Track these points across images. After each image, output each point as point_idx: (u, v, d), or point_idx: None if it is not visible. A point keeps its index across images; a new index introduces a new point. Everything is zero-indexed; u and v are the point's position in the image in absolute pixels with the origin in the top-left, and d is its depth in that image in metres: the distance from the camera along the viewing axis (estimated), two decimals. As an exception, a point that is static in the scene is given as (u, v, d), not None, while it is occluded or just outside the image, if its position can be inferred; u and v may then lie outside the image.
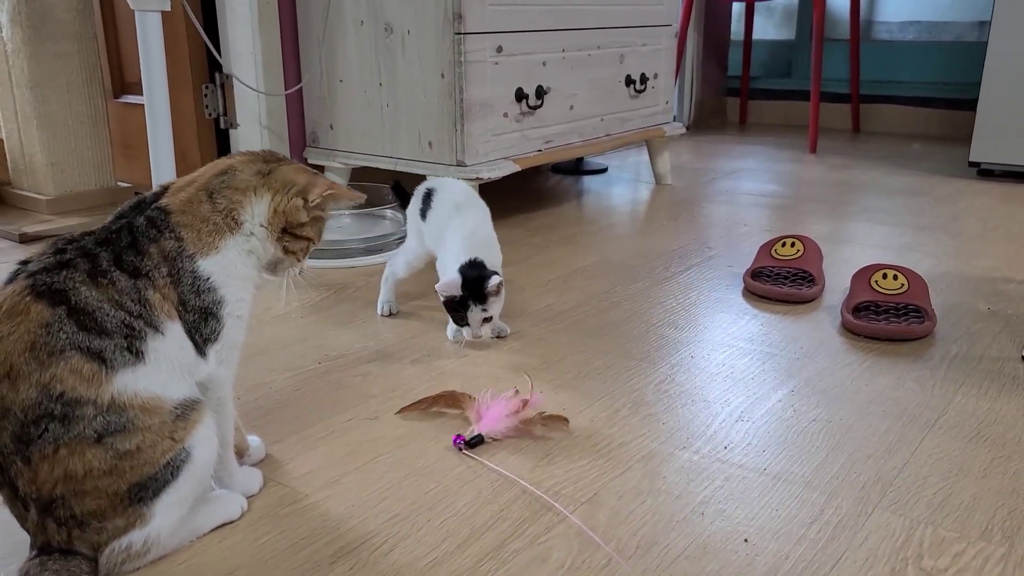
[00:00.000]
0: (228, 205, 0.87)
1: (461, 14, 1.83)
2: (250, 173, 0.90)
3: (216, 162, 0.92)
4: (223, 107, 2.23)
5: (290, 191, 0.91)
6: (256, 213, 0.89)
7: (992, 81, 2.53)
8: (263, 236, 0.90)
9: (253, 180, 0.89)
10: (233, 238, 0.87)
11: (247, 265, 0.89)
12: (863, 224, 2.11)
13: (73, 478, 0.76)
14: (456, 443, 1.05)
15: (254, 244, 0.89)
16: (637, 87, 2.41)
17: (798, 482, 0.97)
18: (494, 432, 1.06)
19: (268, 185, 0.90)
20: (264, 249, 0.90)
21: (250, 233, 0.89)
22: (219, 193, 0.87)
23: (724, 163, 2.95)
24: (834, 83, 3.59)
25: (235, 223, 0.88)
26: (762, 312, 1.52)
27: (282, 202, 0.90)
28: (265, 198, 0.89)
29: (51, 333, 0.75)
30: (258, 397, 1.20)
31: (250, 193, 0.89)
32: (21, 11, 2.00)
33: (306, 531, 0.89)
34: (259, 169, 0.90)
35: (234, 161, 0.91)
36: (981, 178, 2.64)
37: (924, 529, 0.88)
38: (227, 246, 0.87)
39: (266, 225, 0.90)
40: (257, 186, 0.89)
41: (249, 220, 0.88)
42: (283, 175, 0.91)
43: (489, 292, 1.29)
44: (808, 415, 1.13)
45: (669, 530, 0.88)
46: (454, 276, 1.30)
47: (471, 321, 1.32)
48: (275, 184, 0.90)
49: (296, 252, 0.93)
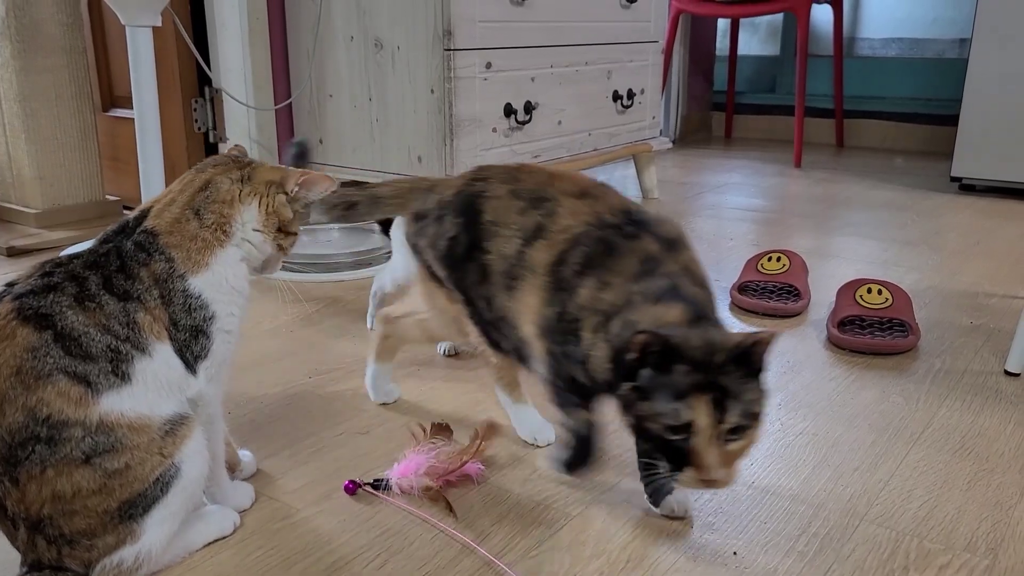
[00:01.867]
0: (217, 219, 0.88)
1: (451, 31, 1.85)
2: (230, 182, 0.90)
3: (189, 178, 0.91)
4: (212, 121, 2.23)
5: (271, 189, 0.92)
6: (247, 220, 0.90)
7: (973, 97, 2.57)
8: (259, 240, 0.91)
9: (235, 188, 0.90)
10: (223, 251, 0.88)
11: (239, 276, 0.89)
12: (848, 239, 2.14)
13: (61, 498, 0.76)
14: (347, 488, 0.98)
15: (248, 250, 0.90)
16: (624, 102, 2.43)
17: (785, 495, 0.99)
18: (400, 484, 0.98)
19: (253, 190, 0.91)
20: (261, 251, 0.91)
21: (243, 240, 0.90)
22: (205, 209, 0.88)
23: (710, 177, 2.98)
24: (818, 98, 3.63)
25: (225, 235, 0.88)
26: (749, 326, 1.54)
27: (271, 202, 0.91)
28: (253, 203, 0.91)
29: (37, 358, 0.76)
30: (249, 411, 1.20)
31: (236, 202, 0.90)
32: (10, 25, 2.00)
33: (299, 546, 0.89)
34: (237, 176, 0.91)
35: (209, 175, 0.91)
36: (963, 193, 2.67)
37: (910, 541, 0.89)
38: (217, 261, 0.87)
39: (261, 228, 0.90)
40: (241, 193, 0.90)
41: (240, 229, 0.89)
42: (261, 176, 0.92)
43: None
44: (795, 428, 1.15)
45: (659, 543, 0.89)
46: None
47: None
48: (259, 187, 0.91)
49: (286, 248, 0.95)
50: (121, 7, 1.68)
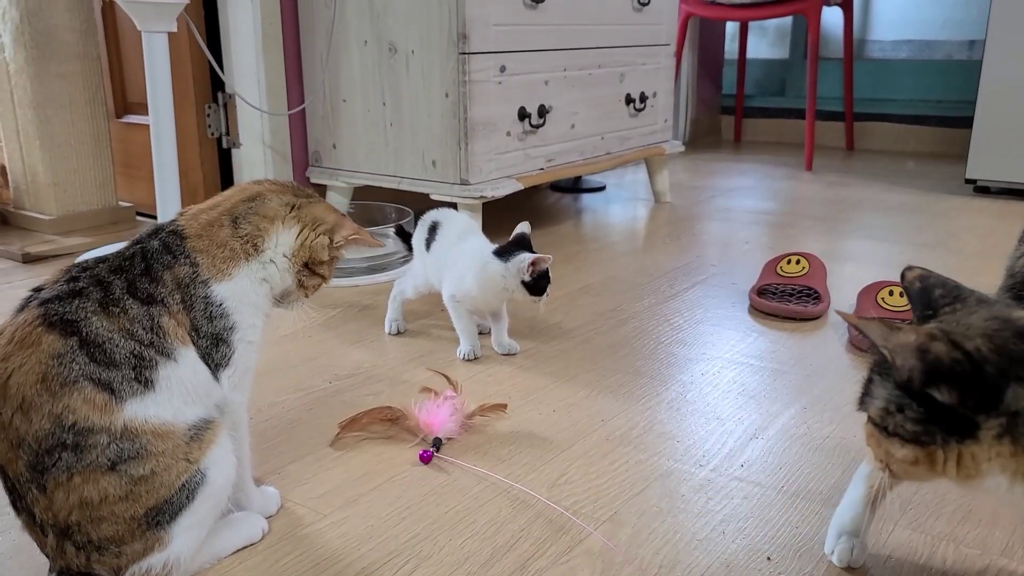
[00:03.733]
0: (252, 231, 0.87)
1: (466, 34, 1.84)
2: (280, 203, 0.90)
3: (242, 187, 0.91)
4: (226, 127, 2.23)
5: (318, 228, 0.91)
6: (281, 242, 0.89)
7: (987, 99, 2.56)
8: (284, 266, 0.89)
9: (282, 210, 0.89)
10: (248, 265, 0.87)
11: (259, 294, 0.88)
12: (863, 242, 2.13)
13: (88, 505, 0.76)
14: (424, 458, 1.06)
15: (271, 272, 0.89)
16: (637, 106, 2.43)
17: (816, 499, 0.98)
18: (448, 433, 1.11)
19: (298, 218, 0.90)
20: (281, 279, 0.90)
21: (269, 261, 0.88)
22: (245, 219, 0.87)
23: (721, 181, 2.97)
24: (828, 101, 3.62)
25: (255, 250, 0.87)
26: (769, 329, 1.53)
27: (310, 237, 0.90)
28: (293, 229, 0.89)
29: (63, 364, 0.75)
30: (271, 417, 1.19)
31: (278, 222, 0.89)
32: (24, 31, 2.00)
33: (327, 552, 0.88)
34: (289, 200, 0.90)
35: (263, 188, 0.91)
36: (978, 195, 2.66)
37: (946, 546, 0.88)
38: (240, 273, 0.86)
39: (289, 256, 0.90)
40: (286, 216, 0.89)
41: (271, 248, 0.88)
42: (314, 211, 0.91)
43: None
44: (822, 432, 1.14)
45: (692, 549, 0.88)
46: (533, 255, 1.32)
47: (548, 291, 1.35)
48: (305, 218, 0.90)
49: (308, 288, 0.93)
50: (137, 13, 1.68)
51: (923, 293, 0.74)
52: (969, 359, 0.63)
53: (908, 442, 0.66)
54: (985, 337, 0.64)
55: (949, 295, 0.72)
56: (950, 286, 0.73)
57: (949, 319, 0.68)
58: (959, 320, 0.67)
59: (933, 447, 0.65)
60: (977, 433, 0.63)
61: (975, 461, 0.64)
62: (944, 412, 0.64)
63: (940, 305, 0.71)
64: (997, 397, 0.62)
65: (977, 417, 0.63)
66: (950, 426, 0.64)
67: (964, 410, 0.63)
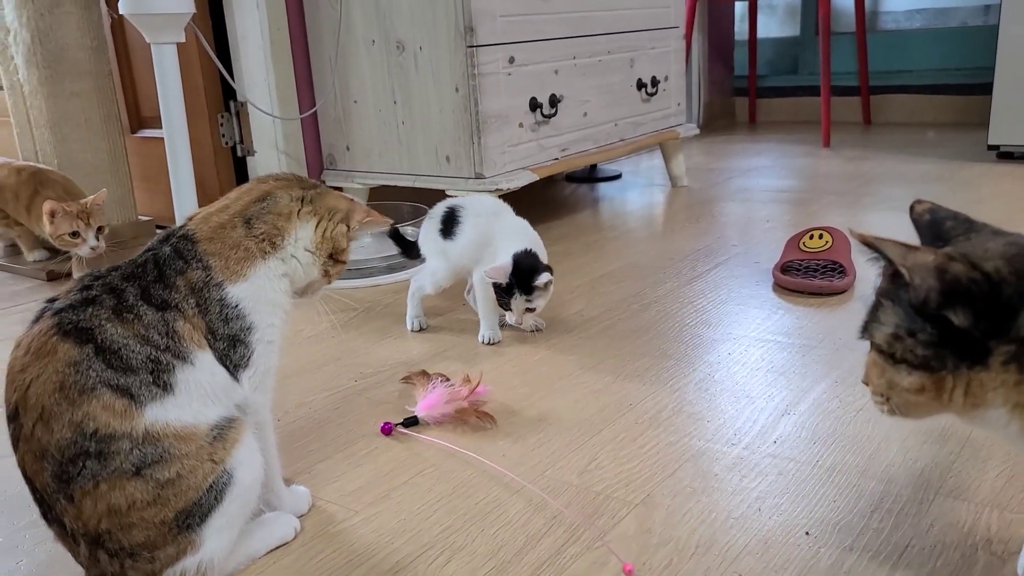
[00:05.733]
0: (269, 230, 0.87)
1: (473, 27, 1.83)
2: (290, 198, 0.89)
3: (247, 188, 0.91)
4: (239, 135, 2.24)
5: (335, 217, 0.91)
6: (300, 237, 0.89)
7: (1006, 64, 2.51)
8: (308, 260, 0.89)
9: (295, 205, 0.89)
10: (265, 264, 0.86)
11: (278, 290, 0.88)
12: (886, 214, 2.10)
13: (117, 512, 0.76)
14: (384, 429, 1.11)
15: (292, 267, 0.89)
16: (649, 90, 2.41)
17: (853, 472, 0.96)
18: (430, 416, 1.13)
19: (314, 211, 0.90)
20: (306, 272, 0.90)
21: (290, 256, 0.88)
22: (259, 219, 0.87)
23: (738, 162, 2.94)
24: (842, 76, 3.57)
25: (272, 247, 0.87)
26: (795, 306, 1.51)
27: (329, 227, 0.90)
28: (310, 223, 0.89)
29: (80, 372, 0.75)
30: (299, 417, 1.19)
31: (293, 218, 0.89)
32: (36, 52, 2.02)
33: (360, 547, 0.88)
34: (298, 194, 0.90)
35: (270, 187, 0.90)
36: (1001, 161, 2.61)
37: (990, 513, 0.86)
38: (256, 273, 0.86)
39: (312, 250, 0.89)
40: (301, 211, 0.89)
41: (292, 244, 0.88)
42: (327, 202, 0.91)
43: (537, 287, 1.32)
44: (854, 405, 1.12)
45: (728, 527, 0.87)
46: (506, 262, 1.32)
47: (514, 308, 1.34)
48: (321, 210, 0.90)
49: (332, 275, 0.93)
50: (145, 25, 1.69)
51: (933, 225, 0.71)
52: (988, 280, 0.61)
53: (916, 368, 0.65)
54: (1005, 260, 0.62)
55: (961, 226, 0.70)
56: (962, 218, 0.71)
57: (964, 245, 0.66)
58: (976, 245, 0.65)
59: (943, 373, 0.63)
60: (988, 359, 0.61)
61: (983, 389, 0.62)
62: (957, 336, 0.62)
63: (952, 235, 0.69)
64: (1011, 321, 0.60)
65: (989, 342, 0.61)
66: (962, 351, 0.62)
67: (978, 333, 0.61)
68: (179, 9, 1.68)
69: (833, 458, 0.99)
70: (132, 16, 1.68)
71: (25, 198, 1.95)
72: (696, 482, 0.96)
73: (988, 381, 0.61)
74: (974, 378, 0.62)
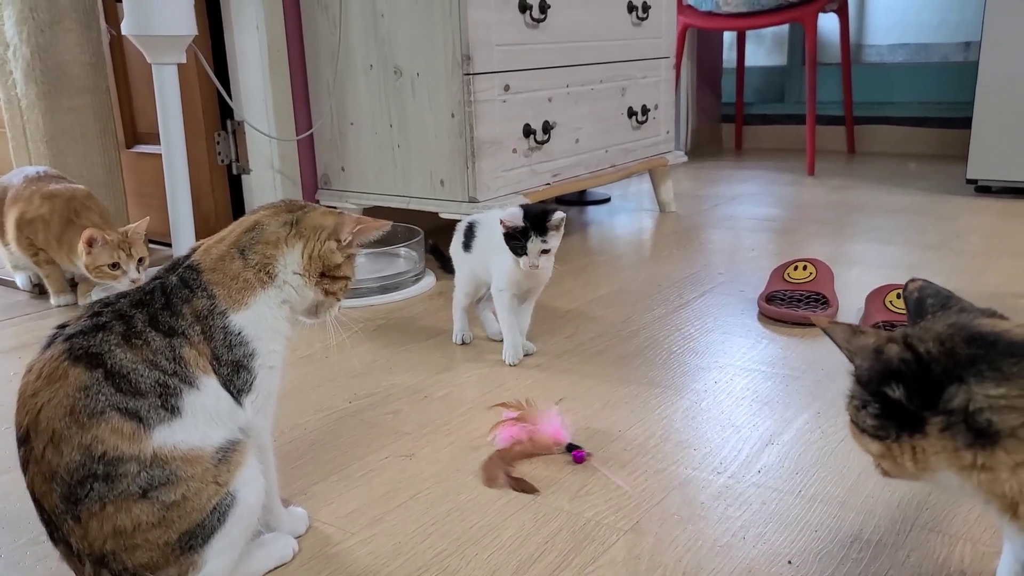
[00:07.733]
0: (261, 260, 0.89)
1: (470, 56, 1.88)
2: (277, 225, 0.92)
3: (242, 220, 0.94)
4: (235, 154, 2.26)
5: (321, 235, 0.93)
6: (289, 263, 0.91)
7: (985, 100, 2.59)
8: (299, 283, 0.92)
9: (282, 231, 0.91)
10: (264, 292, 0.89)
11: (278, 317, 0.90)
12: (868, 244, 2.15)
13: (122, 533, 0.78)
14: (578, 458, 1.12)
15: (288, 293, 0.91)
16: (639, 118, 2.46)
17: (834, 502, 0.99)
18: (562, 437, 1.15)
19: (298, 234, 0.92)
20: (301, 296, 0.92)
21: (284, 283, 0.91)
22: (250, 249, 0.89)
23: (724, 189, 2.99)
24: (827, 106, 3.65)
25: (268, 277, 0.89)
26: (779, 335, 1.55)
27: (315, 247, 0.92)
28: (297, 247, 0.92)
29: (90, 396, 0.77)
30: (294, 439, 1.21)
31: (281, 244, 0.91)
32: (35, 67, 2.04)
33: (357, 570, 0.90)
34: (285, 220, 0.92)
35: (259, 216, 0.93)
36: (979, 195, 2.68)
37: (963, 546, 0.90)
38: (257, 302, 0.88)
39: (301, 272, 0.92)
40: (287, 236, 0.91)
41: (283, 271, 0.91)
42: (311, 221, 0.93)
43: (551, 225, 1.37)
44: (836, 436, 1.16)
45: (713, 555, 0.90)
46: (515, 210, 1.37)
47: (530, 251, 1.37)
48: (305, 232, 0.92)
49: (336, 292, 0.95)
50: (147, 46, 1.72)
51: (919, 303, 0.79)
52: (918, 360, 0.68)
53: (873, 437, 0.72)
54: (937, 340, 0.69)
55: (938, 304, 0.77)
56: (943, 296, 0.78)
57: (917, 326, 0.73)
58: (926, 325, 0.72)
59: (889, 441, 0.70)
60: (925, 428, 0.68)
61: (925, 455, 0.68)
62: (898, 409, 0.69)
63: (929, 312, 0.76)
64: (939, 395, 0.67)
65: (924, 413, 0.67)
66: (903, 422, 0.69)
67: (912, 406, 0.68)
68: (182, 31, 1.71)
69: (815, 488, 1.03)
70: (135, 37, 1.71)
71: (56, 227, 1.74)
72: (683, 510, 0.99)
73: (929, 448, 0.68)
74: (917, 445, 0.69)
